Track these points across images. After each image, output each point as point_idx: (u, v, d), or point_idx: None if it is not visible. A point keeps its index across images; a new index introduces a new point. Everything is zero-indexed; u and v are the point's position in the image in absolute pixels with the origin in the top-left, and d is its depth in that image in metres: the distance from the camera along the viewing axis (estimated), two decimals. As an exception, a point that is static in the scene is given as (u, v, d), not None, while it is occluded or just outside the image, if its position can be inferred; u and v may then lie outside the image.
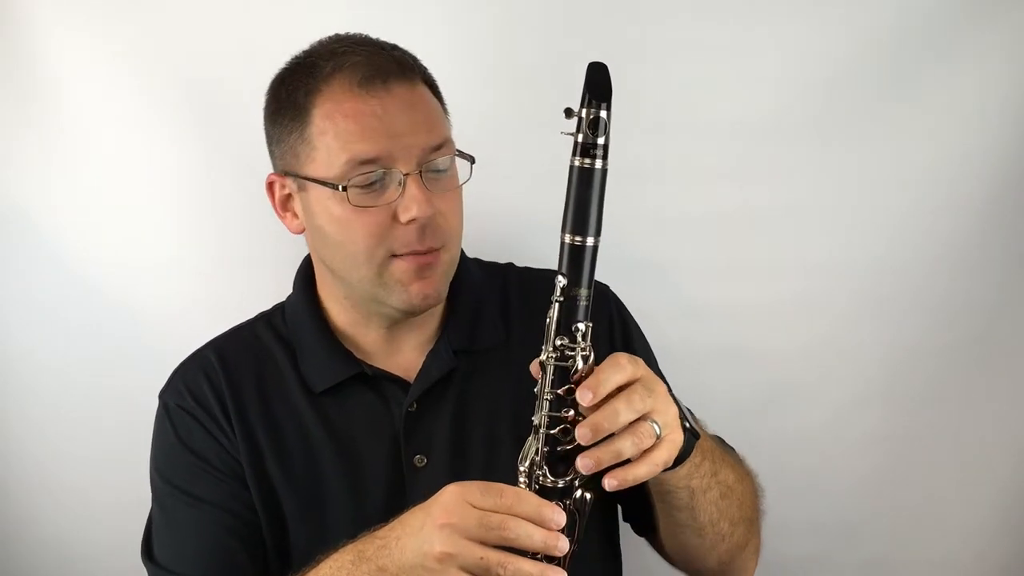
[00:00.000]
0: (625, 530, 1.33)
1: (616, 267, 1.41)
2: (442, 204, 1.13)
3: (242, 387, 1.19)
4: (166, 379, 1.24)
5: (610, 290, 1.31)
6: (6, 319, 1.49)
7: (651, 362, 1.29)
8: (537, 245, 1.22)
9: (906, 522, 1.63)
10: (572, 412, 0.94)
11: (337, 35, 1.18)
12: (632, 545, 1.33)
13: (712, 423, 1.28)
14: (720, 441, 1.23)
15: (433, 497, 0.95)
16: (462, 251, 1.27)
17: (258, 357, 1.22)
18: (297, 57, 1.17)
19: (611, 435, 0.93)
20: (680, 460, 1.02)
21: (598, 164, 0.92)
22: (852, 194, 1.54)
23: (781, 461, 1.52)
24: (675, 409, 0.99)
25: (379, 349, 1.22)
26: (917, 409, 1.60)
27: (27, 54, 1.42)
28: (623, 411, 0.92)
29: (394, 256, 1.12)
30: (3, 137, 1.45)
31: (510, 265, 1.34)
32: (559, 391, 0.94)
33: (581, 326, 0.94)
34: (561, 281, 0.94)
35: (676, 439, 0.98)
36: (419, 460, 1.17)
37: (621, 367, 0.94)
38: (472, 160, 1.17)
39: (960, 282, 1.57)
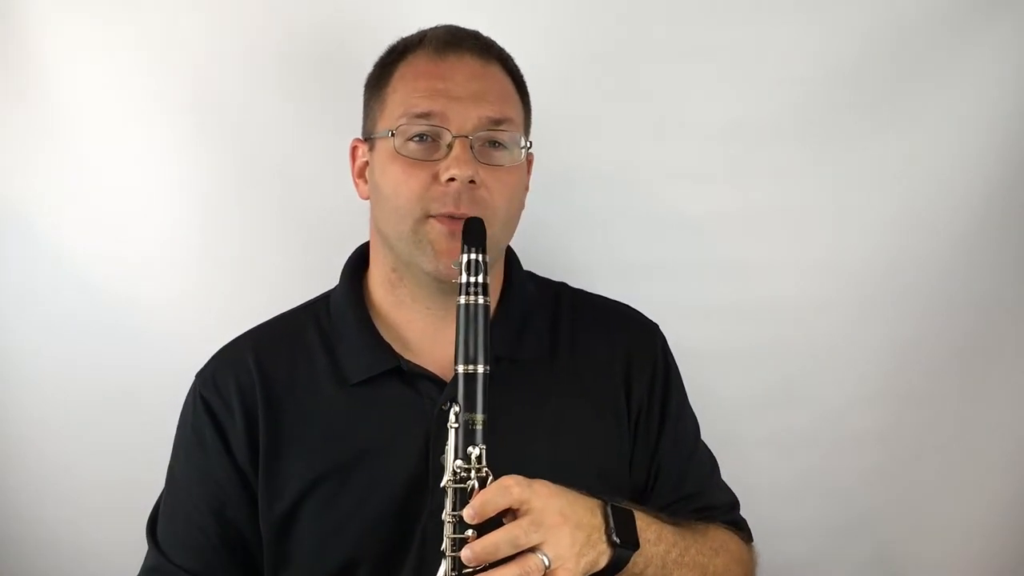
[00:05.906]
0: None
1: (617, 267, 1.51)
2: (489, 178, 1.16)
3: (275, 381, 1.22)
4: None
5: (659, 331, 1.33)
6: (6, 317, 1.50)
7: (684, 407, 1.31)
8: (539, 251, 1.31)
9: (905, 522, 1.60)
10: (475, 533, 1.00)
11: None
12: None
13: (712, 423, 1.31)
14: (693, 529, 1.20)
15: None
16: (518, 261, 1.31)
17: (294, 349, 1.25)
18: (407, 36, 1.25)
19: (502, 561, 0.98)
20: (613, 570, 1.05)
21: (480, 300, 1.04)
22: (851, 194, 1.55)
23: (781, 461, 1.55)
24: (570, 540, 1.01)
25: (422, 342, 1.23)
26: (916, 408, 1.59)
27: (26, 52, 1.45)
28: (502, 545, 0.98)
29: (430, 217, 1.16)
30: (2, 136, 1.47)
31: (563, 284, 1.36)
32: (460, 513, 1.00)
33: (475, 450, 1.02)
34: (455, 408, 1.03)
35: (569, 568, 1.00)
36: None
37: (506, 490, 1.00)
38: (527, 151, 1.21)
39: (958, 281, 1.57)
